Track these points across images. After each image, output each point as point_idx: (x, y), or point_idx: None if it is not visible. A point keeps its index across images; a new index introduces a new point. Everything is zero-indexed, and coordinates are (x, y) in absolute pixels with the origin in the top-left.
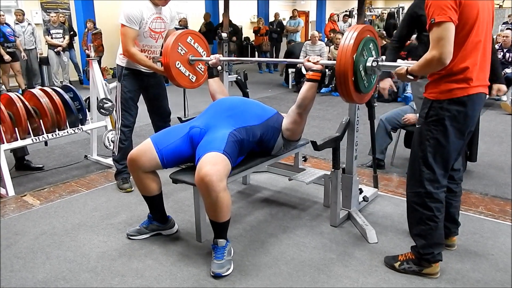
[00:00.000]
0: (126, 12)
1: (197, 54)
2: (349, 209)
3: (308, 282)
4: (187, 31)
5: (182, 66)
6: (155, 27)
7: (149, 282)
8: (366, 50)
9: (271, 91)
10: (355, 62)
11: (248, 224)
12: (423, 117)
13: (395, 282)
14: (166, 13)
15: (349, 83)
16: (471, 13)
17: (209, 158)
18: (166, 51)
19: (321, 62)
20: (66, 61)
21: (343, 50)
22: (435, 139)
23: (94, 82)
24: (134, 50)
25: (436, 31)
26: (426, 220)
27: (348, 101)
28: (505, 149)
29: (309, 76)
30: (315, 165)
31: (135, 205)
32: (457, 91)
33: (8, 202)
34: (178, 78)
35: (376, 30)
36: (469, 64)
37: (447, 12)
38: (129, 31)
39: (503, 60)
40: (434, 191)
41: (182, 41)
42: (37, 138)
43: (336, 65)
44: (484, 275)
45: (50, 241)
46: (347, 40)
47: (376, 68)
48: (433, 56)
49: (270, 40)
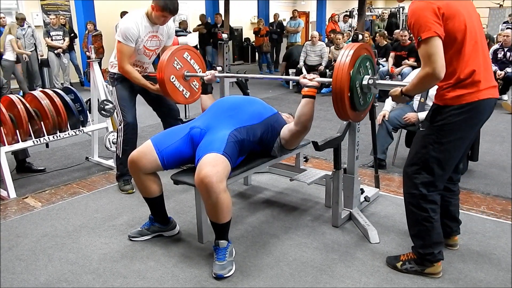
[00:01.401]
0: (123, 30)
1: (192, 71)
2: (350, 209)
3: (310, 283)
4: (184, 47)
5: (176, 81)
6: (150, 45)
7: (151, 284)
8: (363, 68)
9: (271, 92)
10: (352, 79)
11: (250, 225)
12: (429, 120)
13: (397, 282)
14: (163, 31)
15: (345, 100)
16: (458, 20)
17: (208, 160)
18: (161, 66)
19: (317, 79)
20: (66, 63)
21: (339, 67)
22: (440, 144)
23: (95, 84)
24: (129, 68)
25: (424, 48)
26: (422, 221)
27: (343, 119)
28: (506, 149)
29: (305, 93)
30: (316, 166)
31: (136, 207)
32: (467, 97)
33: (9, 204)
34: (172, 93)
35: (377, 30)
36: (474, 67)
37: (432, 27)
38: (125, 48)
39: (503, 59)
40: (428, 193)
41: (179, 56)
42: (38, 140)
43: (333, 81)
44: (487, 274)
45: (52, 243)
46: (343, 57)
47: (372, 86)
48: (427, 72)
49: (271, 41)
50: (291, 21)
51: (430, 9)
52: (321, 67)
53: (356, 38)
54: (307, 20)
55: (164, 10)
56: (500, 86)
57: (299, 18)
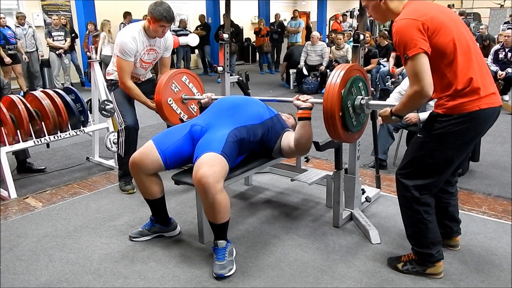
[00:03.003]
0: (121, 46)
1: (190, 94)
2: (351, 209)
3: (311, 283)
4: (183, 70)
5: (174, 103)
6: (147, 58)
7: (152, 284)
8: (355, 88)
9: (272, 92)
10: (343, 98)
11: (251, 225)
12: (428, 128)
13: (398, 283)
14: (160, 43)
15: (337, 120)
16: (445, 32)
17: (206, 159)
18: (159, 88)
19: (310, 100)
20: (67, 63)
21: (330, 86)
22: (438, 151)
23: (95, 84)
24: (130, 84)
25: (411, 65)
26: (415, 223)
27: (335, 139)
28: (507, 149)
29: (299, 115)
30: (317, 166)
31: (137, 207)
32: (468, 105)
33: (10, 205)
34: (169, 115)
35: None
36: (471, 74)
37: (417, 43)
38: (124, 64)
39: (505, 60)
40: (420, 196)
41: (177, 79)
42: (39, 140)
43: (324, 101)
44: (488, 275)
45: (52, 243)
46: (335, 77)
47: (365, 106)
48: (415, 91)
49: (271, 41)
50: (291, 21)
51: (414, 26)
52: (322, 67)
53: (358, 38)
54: (308, 21)
55: (160, 20)
56: (501, 86)
57: (300, 18)
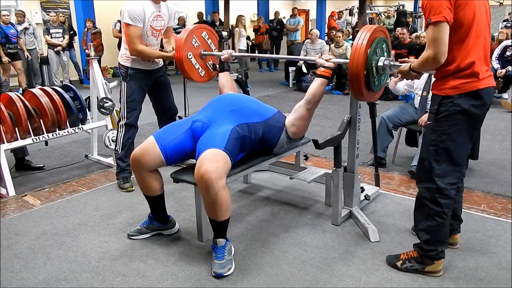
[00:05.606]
0: (129, 11)
1: (209, 50)
2: (350, 207)
3: (310, 282)
4: (203, 26)
5: (193, 58)
6: (156, 25)
7: (150, 282)
8: (379, 49)
9: (271, 90)
10: (369, 58)
11: (250, 223)
12: (434, 113)
13: (397, 281)
14: (164, 10)
15: (361, 79)
16: (469, 10)
17: (209, 155)
18: (179, 45)
19: (333, 60)
20: (66, 60)
21: (357, 47)
22: (447, 134)
23: (94, 82)
24: (141, 47)
25: (431, 30)
26: (434, 216)
27: (357, 98)
28: (506, 147)
29: (320, 72)
30: (316, 164)
31: (136, 205)
32: (467, 86)
33: (8, 202)
34: (188, 70)
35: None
36: (474, 58)
37: (443, 11)
38: (133, 29)
39: (509, 58)
40: (445, 187)
41: (197, 35)
42: (37, 138)
43: (350, 60)
44: (487, 273)
45: (51, 241)
46: (361, 38)
47: (388, 66)
48: (429, 55)
49: (270, 38)
50: (290, 19)
51: None
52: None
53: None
54: (307, 18)
55: None
56: (500, 84)
57: (299, 16)
